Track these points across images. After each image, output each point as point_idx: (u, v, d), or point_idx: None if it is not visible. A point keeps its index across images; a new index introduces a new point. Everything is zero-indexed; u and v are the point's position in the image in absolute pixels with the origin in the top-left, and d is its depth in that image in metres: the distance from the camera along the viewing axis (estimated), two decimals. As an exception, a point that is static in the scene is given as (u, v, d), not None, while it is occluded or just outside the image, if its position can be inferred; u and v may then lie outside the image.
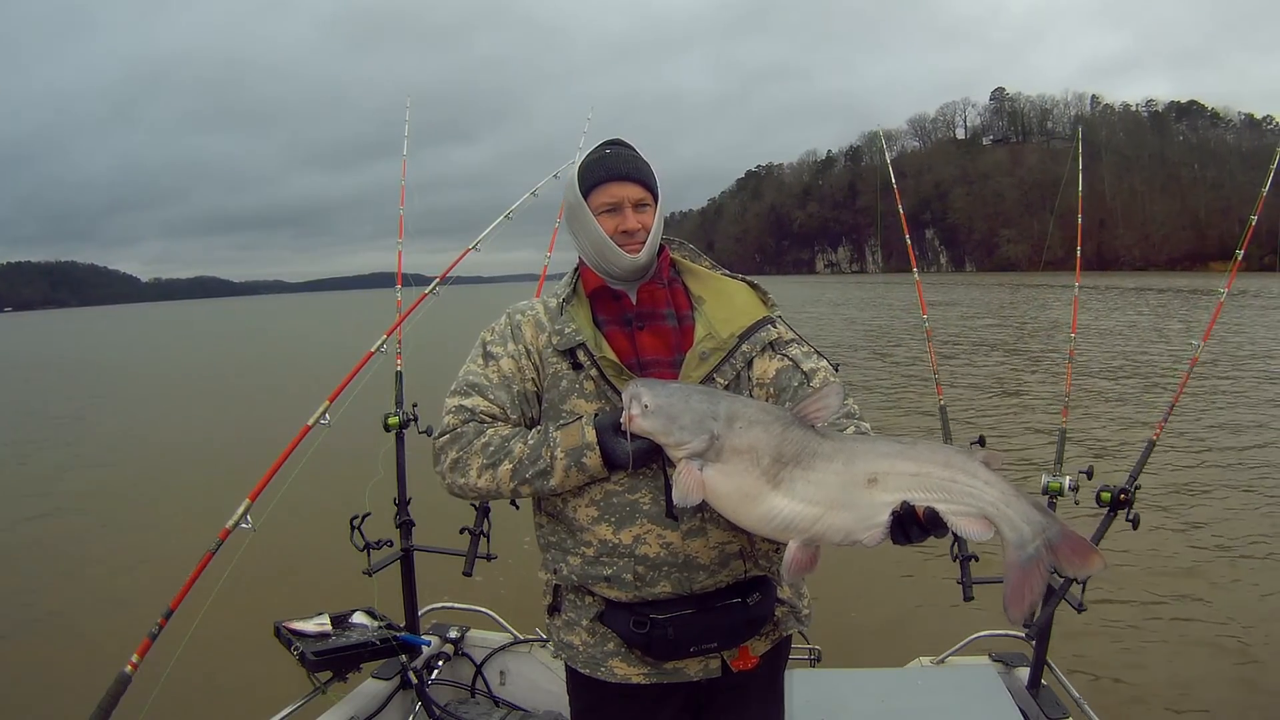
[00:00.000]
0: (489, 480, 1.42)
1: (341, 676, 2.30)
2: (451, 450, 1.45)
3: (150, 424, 13.26)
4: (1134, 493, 2.27)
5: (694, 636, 1.42)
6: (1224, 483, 7.30)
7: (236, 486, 2.21)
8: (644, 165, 1.53)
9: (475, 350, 1.55)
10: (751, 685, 1.55)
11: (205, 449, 10.54)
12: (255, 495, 2.11)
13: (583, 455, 1.38)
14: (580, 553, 1.46)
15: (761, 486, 1.23)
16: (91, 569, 6.19)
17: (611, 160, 1.52)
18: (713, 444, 1.25)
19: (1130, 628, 4.55)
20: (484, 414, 1.47)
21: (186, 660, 2.11)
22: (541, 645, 2.74)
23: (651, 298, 1.52)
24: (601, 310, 1.53)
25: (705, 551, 1.42)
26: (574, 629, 1.51)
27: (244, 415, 12.99)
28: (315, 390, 2.39)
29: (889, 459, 1.21)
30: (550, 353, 1.49)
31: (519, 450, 1.41)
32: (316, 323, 49.18)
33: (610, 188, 1.49)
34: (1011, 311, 31.18)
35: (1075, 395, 2.90)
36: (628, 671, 1.46)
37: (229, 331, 46.34)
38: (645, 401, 1.28)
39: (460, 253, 2.63)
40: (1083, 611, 2.29)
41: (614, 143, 1.57)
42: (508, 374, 1.49)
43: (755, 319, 1.53)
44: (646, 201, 1.51)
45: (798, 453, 1.23)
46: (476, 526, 2.70)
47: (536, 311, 1.55)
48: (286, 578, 5.19)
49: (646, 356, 1.48)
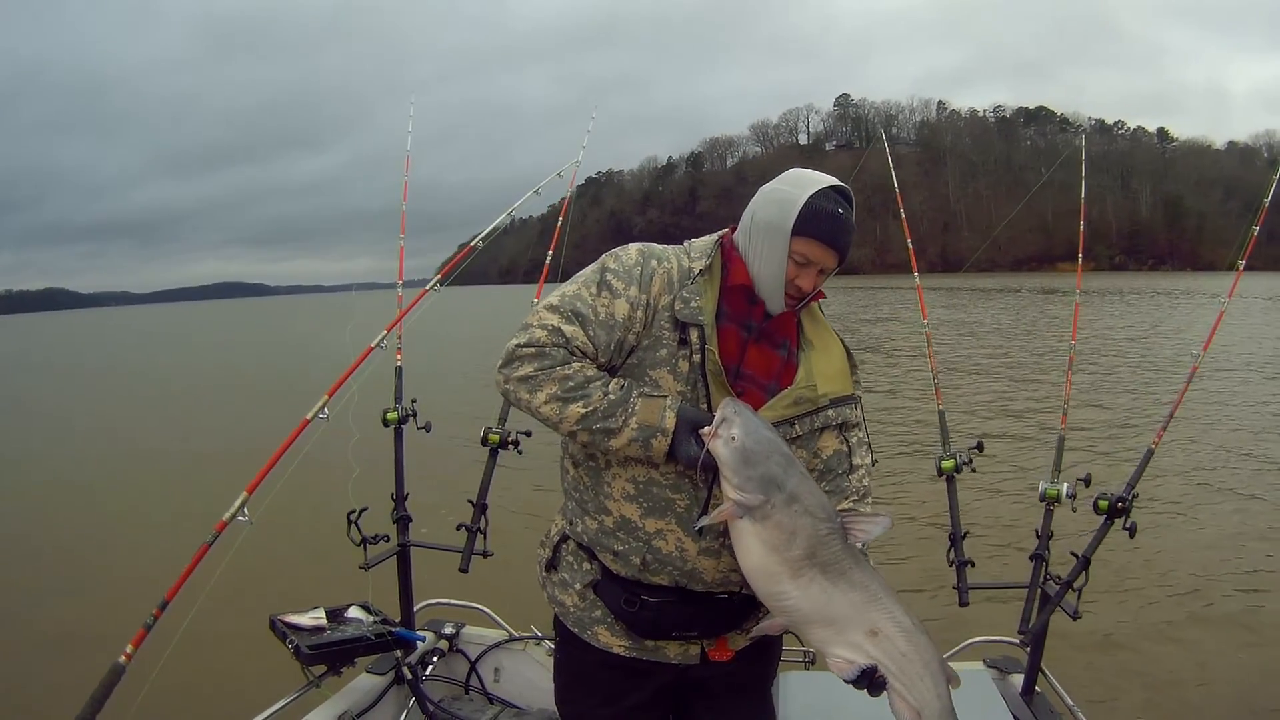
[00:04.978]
0: (554, 410, 1.37)
1: (336, 671, 2.29)
2: (529, 364, 1.37)
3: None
4: (1131, 501, 2.26)
5: (678, 623, 1.48)
6: (1224, 488, 7.31)
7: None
8: (851, 236, 1.46)
9: (594, 271, 1.46)
10: (740, 686, 1.58)
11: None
12: (253, 488, 2.10)
13: (653, 436, 1.36)
14: (599, 519, 1.48)
15: (783, 568, 1.29)
16: (86, 560, 6.19)
17: (835, 225, 1.43)
18: (763, 507, 1.28)
19: (1126, 635, 4.56)
20: (578, 346, 1.39)
21: (181, 652, 2.10)
22: (536, 643, 2.74)
23: (782, 323, 1.49)
24: (729, 303, 1.47)
25: (713, 571, 1.45)
26: (567, 589, 1.55)
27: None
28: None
29: (896, 627, 1.29)
30: (666, 316, 1.43)
31: (597, 398, 1.36)
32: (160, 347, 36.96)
33: (817, 247, 1.43)
34: (855, 314, 31.49)
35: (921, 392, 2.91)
36: (610, 641, 1.50)
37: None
38: (734, 433, 1.28)
39: (459, 252, 2.63)
40: (1078, 619, 2.28)
41: (845, 197, 1.46)
42: (618, 318, 1.41)
43: (848, 392, 1.55)
44: (831, 270, 1.48)
45: (828, 562, 1.29)
46: (473, 523, 2.70)
47: (670, 266, 1.46)
48: (282, 571, 5.19)
49: (747, 370, 1.46)
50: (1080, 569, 2.28)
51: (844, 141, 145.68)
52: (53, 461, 10.54)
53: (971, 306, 33.03)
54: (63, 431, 13.25)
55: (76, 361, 30.71)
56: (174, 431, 12.18)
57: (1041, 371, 14.76)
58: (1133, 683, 4.09)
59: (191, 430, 12.14)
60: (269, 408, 12.25)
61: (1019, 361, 16.55)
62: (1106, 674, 4.14)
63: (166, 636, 2.02)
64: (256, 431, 9.87)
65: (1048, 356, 16.60)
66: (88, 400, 17.89)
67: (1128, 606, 4.87)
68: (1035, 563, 2.41)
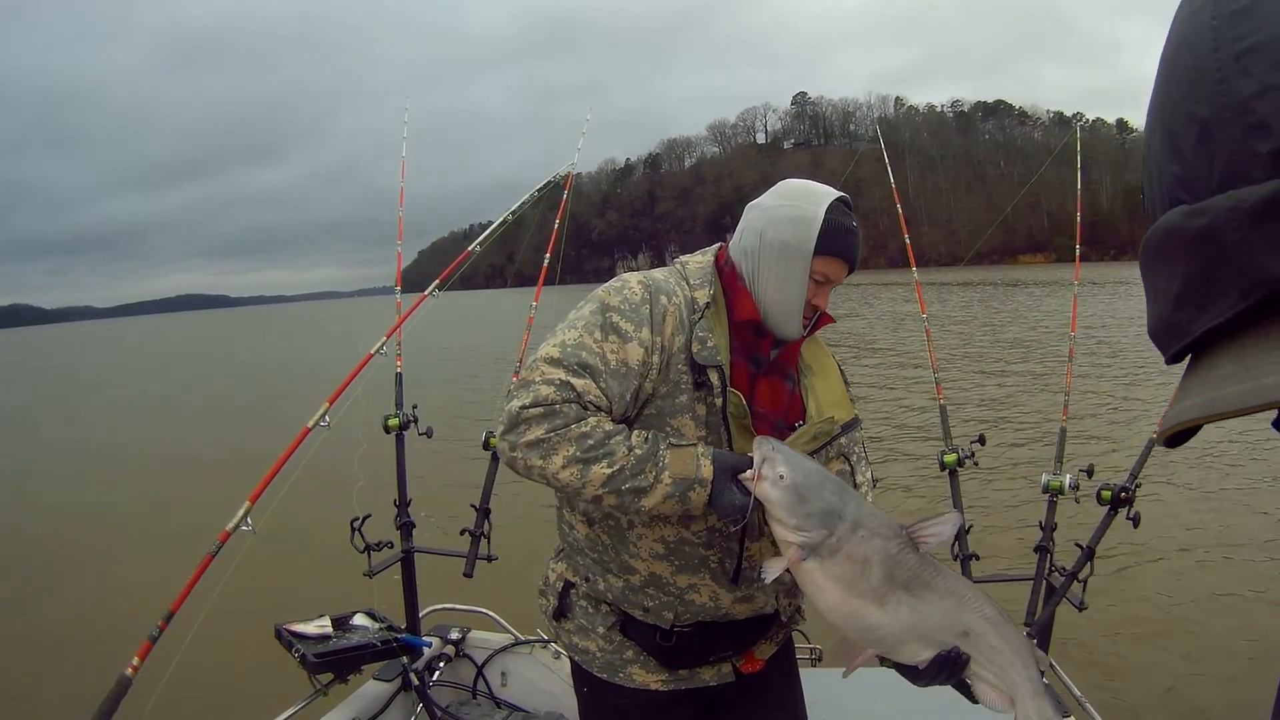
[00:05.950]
0: (574, 475, 1.22)
1: (343, 678, 2.29)
2: (539, 426, 1.22)
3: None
4: (1134, 491, 2.27)
5: (714, 646, 1.45)
6: (1227, 480, 7.30)
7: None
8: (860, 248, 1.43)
9: (593, 313, 1.31)
10: (771, 686, 1.56)
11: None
12: (255, 497, 2.10)
13: (690, 489, 1.24)
14: (625, 579, 1.41)
15: (865, 601, 1.21)
16: (90, 573, 6.19)
17: (853, 240, 1.38)
18: (827, 542, 1.19)
19: (1132, 626, 4.55)
20: (591, 401, 1.25)
21: (187, 663, 2.10)
22: (543, 646, 2.74)
23: (789, 352, 1.44)
24: (737, 337, 1.38)
25: (746, 611, 1.44)
26: (588, 635, 1.47)
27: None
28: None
29: (986, 623, 1.22)
30: (683, 359, 1.32)
31: (621, 456, 1.23)
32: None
33: (837, 264, 1.37)
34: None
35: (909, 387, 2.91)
36: (646, 679, 1.44)
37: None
38: (781, 470, 1.19)
39: (458, 256, 2.63)
40: (1084, 610, 2.28)
41: (849, 207, 1.40)
42: (632, 364, 1.28)
43: (851, 415, 1.49)
44: (840, 284, 1.43)
45: (909, 580, 1.21)
46: (476, 528, 2.70)
47: (678, 301, 1.34)
48: (287, 580, 5.18)
49: (759, 408, 1.38)
50: (1085, 560, 2.28)
51: (802, 140, 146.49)
52: (53, 475, 10.54)
53: (946, 300, 33.25)
54: (56, 444, 13.24)
55: (67, 375, 30.61)
56: (173, 442, 12.18)
57: (1009, 364, 14.65)
58: (1140, 673, 4.08)
59: (192, 441, 12.14)
60: (265, 415, 12.25)
61: (981, 352, 16.53)
62: (1113, 665, 4.13)
63: (172, 648, 2.03)
64: (256, 441, 9.88)
65: (1012, 350, 16.54)
66: (76, 412, 17.88)
67: (1133, 596, 4.86)
68: (1040, 555, 2.41)
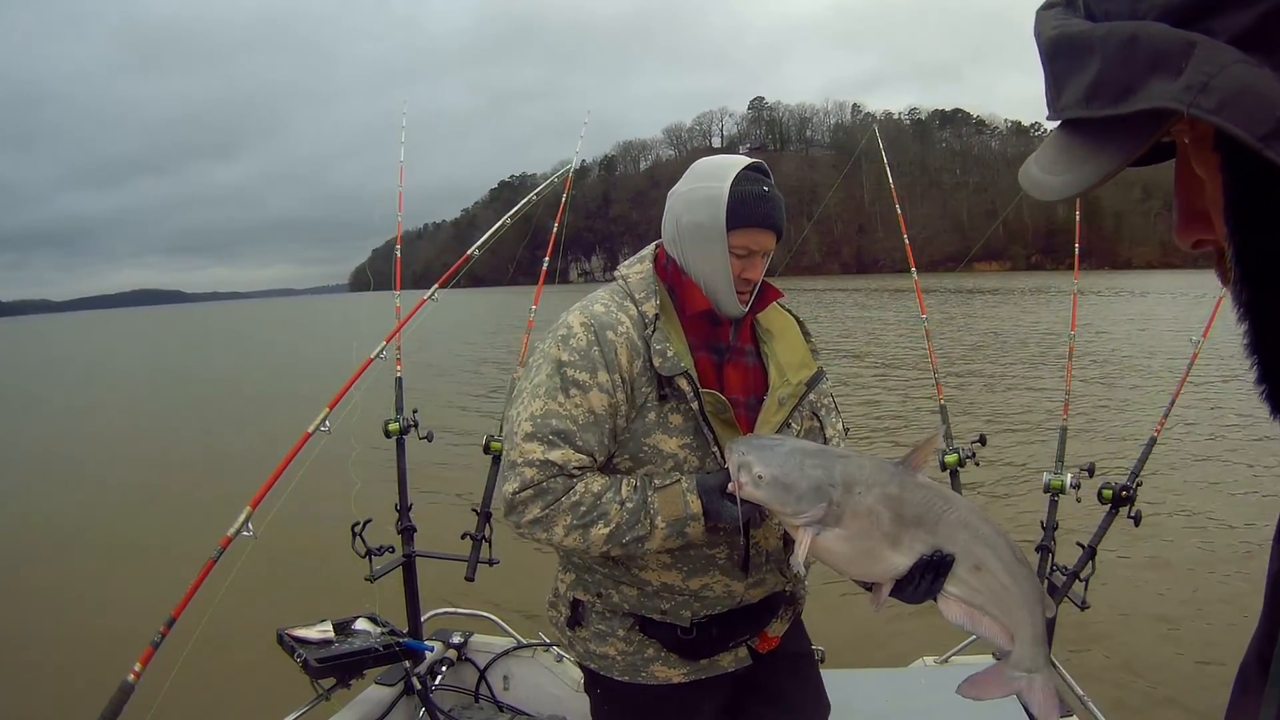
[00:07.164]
0: (577, 540, 1.30)
1: (345, 683, 2.29)
2: (534, 507, 1.30)
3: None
4: (1135, 490, 2.27)
5: (731, 633, 1.48)
6: (1228, 477, 7.30)
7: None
8: (783, 211, 1.42)
9: (549, 375, 1.33)
10: (790, 666, 1.59)
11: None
12: (256, 503, 2.10)
13: (685, 526, 1.31)
14: (639, 588, 1.44)
15: (883, 548, 1.21)
16: (91, 580, 6.18)
17: (767, 206, 1.38)
18: (831, 511, 1.20)
19: (1134, 625, 4.55)
20: (574, 468, 1.31)
21: (189, 668, 2.10)
22: (545, 649, 2.74)
23: (742, 332, 1.45)
24: (693, 333, 1.40)
25: (759, 594, 1.47)
26: (606, 640, 1.47)
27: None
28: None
29: (999, 562, 1.21)
30: (644, 380, 1.34)
31: (614, 513, 1.29)
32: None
33: (755, 234, 1.37)
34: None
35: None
36: (668, 674, 1.46)
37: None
38: (758, 471, 1.21)
39: (460, 257, 2.63)
40: (1086, 609, 2.28)
41: (762, 172, 1.40)
42: (599, 411, 1.32)
43: (814, 370, 1.50)
44: (771, 251, 1.43)
45: (919, 515, 1.21)
46: (478, 531, 2.69)
47: (625, 328, 1.35)
48: (289, 585, 5.18)
49: (730, 395, 1.38)
50: (1086, 559, 2.28)
51: (758, 144, 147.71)
52: (52, 479, 10.53)
53: (907, 308, 33.51)
54: (53, 446, 13.24)
55: (37, 372, 29.99)
56: (171, 445, 12.18)
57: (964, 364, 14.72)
58: (1143, 673, 4.08)
59: (189, 443, 12.12)
60: (260, 420, 12.24)
61: (951, 353, 16.53)
62: (1116, 665, 4.13)
63: (174, 653, 2.02)
64: (254, 445, 9.87)
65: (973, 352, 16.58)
66: (47, 409, 17.77)
67: (1136, 595, 4.86)
68: (1041, 554, 2.41)
